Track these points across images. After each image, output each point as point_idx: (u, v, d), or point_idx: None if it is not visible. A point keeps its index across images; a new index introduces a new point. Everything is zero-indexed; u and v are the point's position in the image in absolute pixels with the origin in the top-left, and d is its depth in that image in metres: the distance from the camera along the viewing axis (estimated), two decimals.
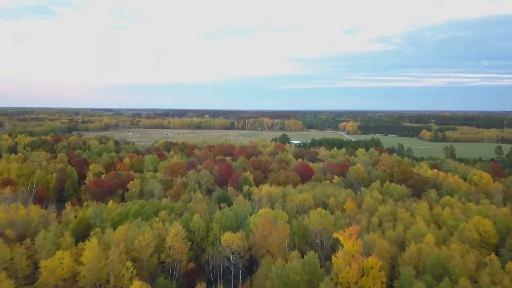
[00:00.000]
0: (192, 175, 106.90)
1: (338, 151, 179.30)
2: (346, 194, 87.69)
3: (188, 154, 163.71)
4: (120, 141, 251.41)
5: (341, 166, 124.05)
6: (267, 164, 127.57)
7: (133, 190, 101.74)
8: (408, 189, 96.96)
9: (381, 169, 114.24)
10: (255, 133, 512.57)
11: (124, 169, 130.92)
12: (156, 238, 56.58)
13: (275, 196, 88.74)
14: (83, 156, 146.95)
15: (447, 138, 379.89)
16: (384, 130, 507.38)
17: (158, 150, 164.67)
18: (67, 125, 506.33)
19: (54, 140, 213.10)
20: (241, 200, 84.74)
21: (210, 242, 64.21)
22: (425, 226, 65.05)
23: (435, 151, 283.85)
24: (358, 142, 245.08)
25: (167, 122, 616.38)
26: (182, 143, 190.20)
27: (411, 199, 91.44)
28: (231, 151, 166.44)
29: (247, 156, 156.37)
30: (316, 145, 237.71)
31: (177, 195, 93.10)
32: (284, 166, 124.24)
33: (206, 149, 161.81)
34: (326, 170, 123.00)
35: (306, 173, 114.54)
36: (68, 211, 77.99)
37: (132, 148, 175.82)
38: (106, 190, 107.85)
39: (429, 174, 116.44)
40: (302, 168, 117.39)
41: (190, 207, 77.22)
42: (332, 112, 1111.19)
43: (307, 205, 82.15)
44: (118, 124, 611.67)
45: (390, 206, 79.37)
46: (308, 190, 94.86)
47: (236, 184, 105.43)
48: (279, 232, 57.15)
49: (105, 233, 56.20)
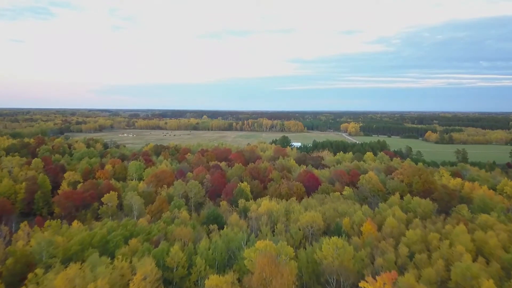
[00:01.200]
0: (178, 187, 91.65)
1: (344, 155, 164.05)
2: (363, 212, 72.53)
3: (180, 159, 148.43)
4: (110, 144, 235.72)
5: (351, 174, 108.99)
6: (266, 172, 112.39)
7: (110, 204, 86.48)
8: (433, 203, 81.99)
9: (398, 178, 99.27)
10: (253, 134, 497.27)
11: (105, 177, 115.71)
12: (116, 284, 41.46)
13: (277, 214, 73.68)
14: (61, 162, 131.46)
15: (453, 140, 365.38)
16: (387, 131, 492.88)
17: (145, 154, 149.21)
18: (59, 126, 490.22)
19: (37, 143, 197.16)
20: (235, 220, 69.58)
21: (192, 283, 49.26)
22: (473, 261, 50.05)
23: (444, 154, 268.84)
24: (363, 144, 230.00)
25: (163, 123, 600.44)
26: (174, 147, 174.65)
27: (438, 216, 76.66)
28: (227, 155, 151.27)
29: (244, 161, 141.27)
30: (319, 148, 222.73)
31: (159, 212, 77.88)
32: (286, 175, 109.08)
33: (199, 154, 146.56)
34: (334, 179, 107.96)
35: (312, 183, 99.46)
36: (19, 235, 62.75)
37: (117, 152, 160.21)
38: (79, 203, 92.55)
39: (452, 184, 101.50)
40: (307, 177, 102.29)
41: (172, 230, 62.03)
42: (332, 113, 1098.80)
43: (315, 227, 67.12)
44: (113, 125, 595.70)
45: (419, 229, 64.24)
46: (316, 205, 79.77)
47: (230, 197, 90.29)
48: (283, 276, 42.03)
49: (45, 279, 40.99)
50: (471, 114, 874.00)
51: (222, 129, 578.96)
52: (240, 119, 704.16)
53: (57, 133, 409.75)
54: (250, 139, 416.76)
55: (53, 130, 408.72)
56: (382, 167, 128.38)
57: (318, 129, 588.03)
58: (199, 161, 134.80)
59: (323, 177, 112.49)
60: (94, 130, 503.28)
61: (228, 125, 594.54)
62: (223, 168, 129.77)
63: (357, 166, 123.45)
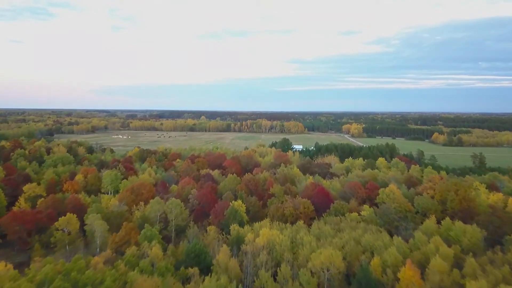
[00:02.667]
0: (156, 206, 72.96)
1: (354, 161, 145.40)
2: (396, 246, 54.01)
3: (167, 166, 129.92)
4: (96, 147, 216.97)
5: (368, 187, 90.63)
6: (266, 185, 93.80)
7: (67, 230, 68.00)
8: (481, 230, 63.64)
9: (427, 194, 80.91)
10: (252, 135, 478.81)
11: (74, 191, 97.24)
12: None
13: (280, 248, 55.33)
14: (26, 171, 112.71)
15: (463, 142, 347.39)
16: (391, 132, 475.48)
17: (127, 161, 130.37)
18: (50, 127, 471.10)
19: (13, 147, 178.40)
20: (225, 260, 51.11)
21: None
22: None
23: (458, 159, 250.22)
24: (371, 148, 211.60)
25: (159, 124, 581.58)
26: (162, 152, 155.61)
27: (491, 249, 58.42)
28: (221, 162, 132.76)
29: (241, 169, 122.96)
30: (322, 152, 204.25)
31: (126, 243, 59.45)
32: (290, 188, 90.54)
33: (188, 161, 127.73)
34: (347, 193, 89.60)
35: (322, 200, 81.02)
36: None
37: (96, 158, 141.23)
38: (32, 227, 74.00)
39: (492, 200, 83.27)
40: (316, 191, 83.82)
41: (133, 280, 43.64)
42: (332, 113, 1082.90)
43: (334, 270, 48.87)
44: (107, 126, 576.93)
45: (480, 274, 45.94)
46: (330, 234, 61.41)
47: (221, 219, 71.83)
48: None
49: None
50: (473, 115, 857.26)
51: (220, 130, 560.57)
52: (238, 119, 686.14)
53: (46, 135, 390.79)
54: (248, 141, 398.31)
55: (42, 131, 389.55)
56: (402, 177, 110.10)
57: (319, 130, 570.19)
58: (188, 170, 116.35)
59: (334, 191, 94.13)
60: (87, 131, 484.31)
61: (226, 126, 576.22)
62: (216, 177, 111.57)
63: (373, 176, 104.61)
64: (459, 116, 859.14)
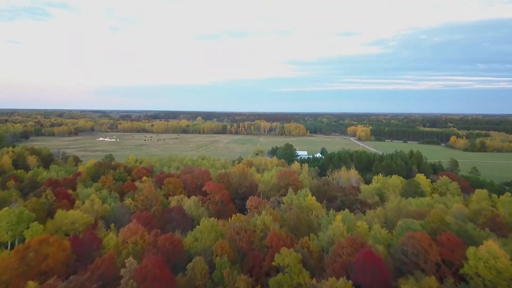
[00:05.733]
0: None
1: (386, 180, 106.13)
2: None
3: (125, 189, 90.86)
4: (57, 155, 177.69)
5: (444, 243, 51.96)
6: (267, 241, 54.05)
7: None
8: None
9: None
10: (250, 138, 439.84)
11: None
12: None
13: None
14: None
15: (486, 147, 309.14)
16: (400, 135, 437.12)
17: (69, 183, 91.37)
18: (29, 128, 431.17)
19: None
20: None
21: None
22: None
23: (498, 168, 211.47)
24: (393, 157, 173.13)
25: (150, 125, 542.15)
26: (125, 166, 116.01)
27: None
28: (203, 182, 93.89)
29: (229, 196, 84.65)
30: (334, 162, 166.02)
31: None
32: (308, 245, 51.93)
33: (151, 185, 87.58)
34: (407, 255, 51.11)
35: (372, 275, 42.54)
36: None
37: (27, 177, 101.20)
38: None
39: None
40: (362, 257, 45.09)
41: None
42: (332, 114, 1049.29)
43: None
44: (94, 127, 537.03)
45: None
46: None
47: None
48: None
49: None
50: (486, 117, 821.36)
51: (215, 132, 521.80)
52: (236, 121, 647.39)
53: (20, 137, 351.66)
54: (245, 144, 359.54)
55: (15, 134, 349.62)
56: (470, 212, 72.00)
57: (322, 132, 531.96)
58: (149, 199, 77.69)
59: (382, 245, 55.49)
60: (69, 133, 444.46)
61: (222, 128, 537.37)
62: (190, 210, 73.36)
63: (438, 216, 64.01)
64: (465, 117, 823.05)
